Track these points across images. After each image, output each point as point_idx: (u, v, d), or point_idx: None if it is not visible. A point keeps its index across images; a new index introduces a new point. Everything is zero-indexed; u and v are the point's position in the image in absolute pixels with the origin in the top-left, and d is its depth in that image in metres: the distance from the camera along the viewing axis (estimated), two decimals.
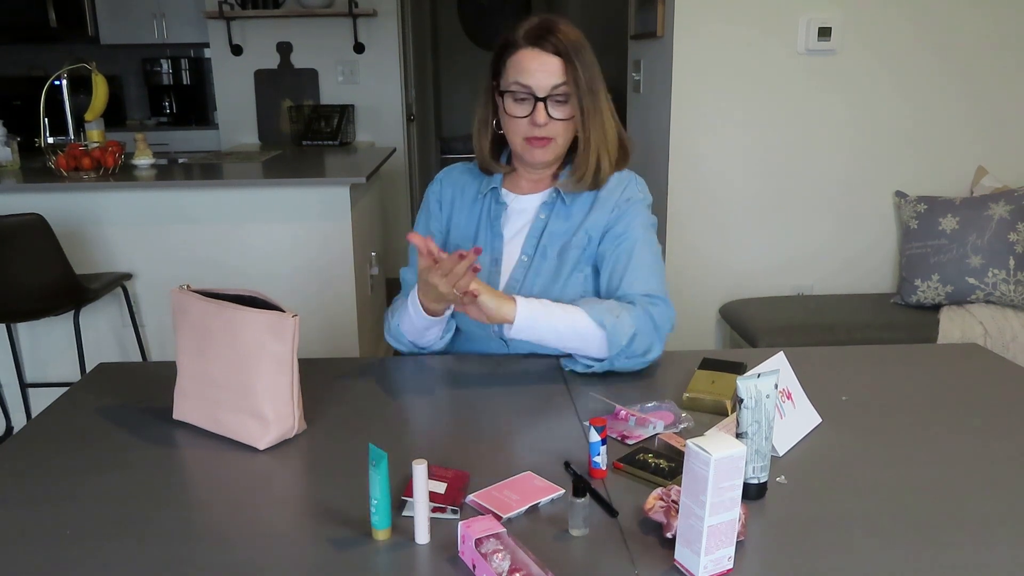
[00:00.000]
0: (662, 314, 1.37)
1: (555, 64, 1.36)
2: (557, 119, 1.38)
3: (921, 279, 2.77)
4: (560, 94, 1.37)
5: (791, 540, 0.90)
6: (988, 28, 2.86)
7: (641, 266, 1.41)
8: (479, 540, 0.84)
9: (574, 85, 1.36)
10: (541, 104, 1.37)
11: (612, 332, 1.30)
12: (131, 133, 3.79)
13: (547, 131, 1.39)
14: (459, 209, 1.54)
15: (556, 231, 1.47)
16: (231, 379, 1.14)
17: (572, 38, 1.37)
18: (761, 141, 2.94)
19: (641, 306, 1.36)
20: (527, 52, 1.37)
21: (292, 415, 1.15)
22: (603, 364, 1.34)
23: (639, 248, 1.42)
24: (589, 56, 1.38)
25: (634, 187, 1.48)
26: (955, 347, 1.55)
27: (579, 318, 1.31)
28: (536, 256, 1.47)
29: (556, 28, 1.37)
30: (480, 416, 1.23)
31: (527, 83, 1.37)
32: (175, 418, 1.22)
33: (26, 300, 2.50)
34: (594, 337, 1.31)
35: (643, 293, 1.39)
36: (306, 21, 4.72)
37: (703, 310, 3.08)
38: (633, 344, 1.32)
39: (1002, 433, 1.16)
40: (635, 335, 1.32)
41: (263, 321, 1.12)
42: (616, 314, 1.32)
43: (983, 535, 0.91)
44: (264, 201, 2.91)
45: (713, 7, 2.80)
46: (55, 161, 2.86)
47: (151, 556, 0.88)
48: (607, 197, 1.46)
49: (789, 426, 1.13)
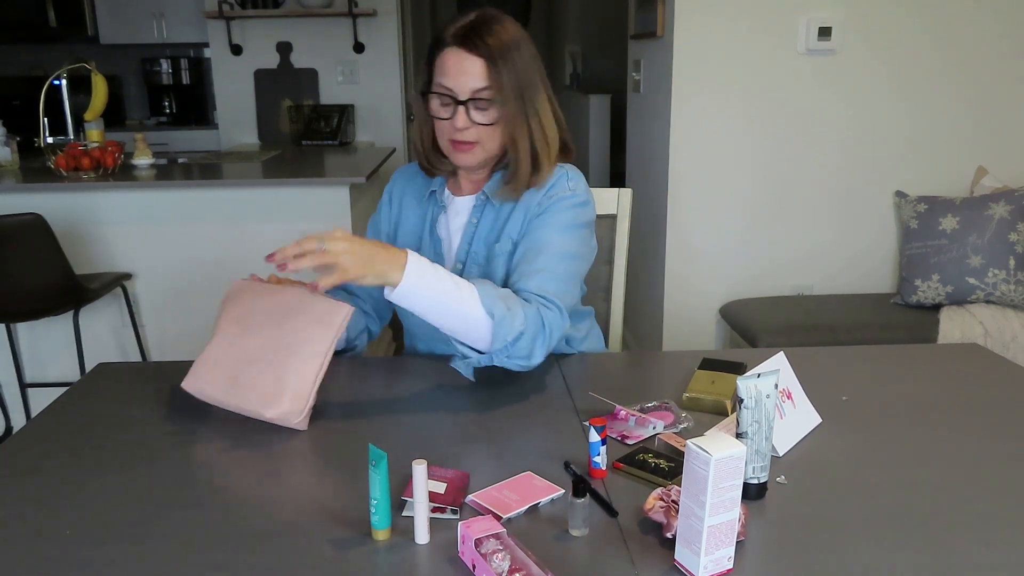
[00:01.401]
0: (554, 320, 1.27)
1: (478, 67, 1.29)
2: (479, 124, 1.32)
3: (921, 279, 2.77)
4: (483, 98, 1.30)
5: (791, 540, 0.90)
6: (989, 28, 2.86)
7: (543, 266, 1.32)
8: (479, 540, 0.84)
9: (498, 90, 1.29)
10: (462, 108, 1.31)
11: (499, 324, 1.20)
12: (131, 133, 3.79)
13: (469, 135, 1.33)
14: (407, 207, 1.51)
15: (485, 236, 1.42)
16: (266, 352, 1.18)
17: (503, 39, 1.30)
18: (761, 141, 2.94)
19: (536, 305, 1.26)
20: (452, 52, 1.31)
21: (306, 401, 1.17)
22: (483, 358, 1.24)
23: (547, 247, 1.34)
24: (522, 57, 1.32)
25: (563, 183, 1.39)
26: (955, 347, 1.55)
27: (468, 299, 1.20)
28: (468, 262, 1.43)
29: (486, 27, 1.30)
30: (480, 416, 1.23)
31: (448, 85, 1.31)
32: (183, 386, 1.22)
33: (26, 300, 2.50)
34: (479, 325, 1.20)
35: (537, 293, 1.29)
36: (306, 21, 4.72)
37: (703, 310, 3.08)
38: (518, 343, 1.22)
39: (1002, 433, 1.16)
40: (522, 334, 1.21)
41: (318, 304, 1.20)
42: (508, 306, 1.21)
43: (983, 535, 0.91)
44: (264, 201, 2.91)
45: (713, 7, 2.80)
46: (55, 161, 2.86)
47: (151, 556, 0.88)
48: (531, 195, 1.39)
49: (789, 426, 1.13)
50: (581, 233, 1.39)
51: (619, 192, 1.73)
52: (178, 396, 1.30)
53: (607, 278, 1.75)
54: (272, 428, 1.18)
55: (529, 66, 1.33)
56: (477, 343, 1.23)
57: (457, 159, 1.38)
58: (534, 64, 1.34)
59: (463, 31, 1.31)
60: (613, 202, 1.72)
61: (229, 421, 1.21)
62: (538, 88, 1.35)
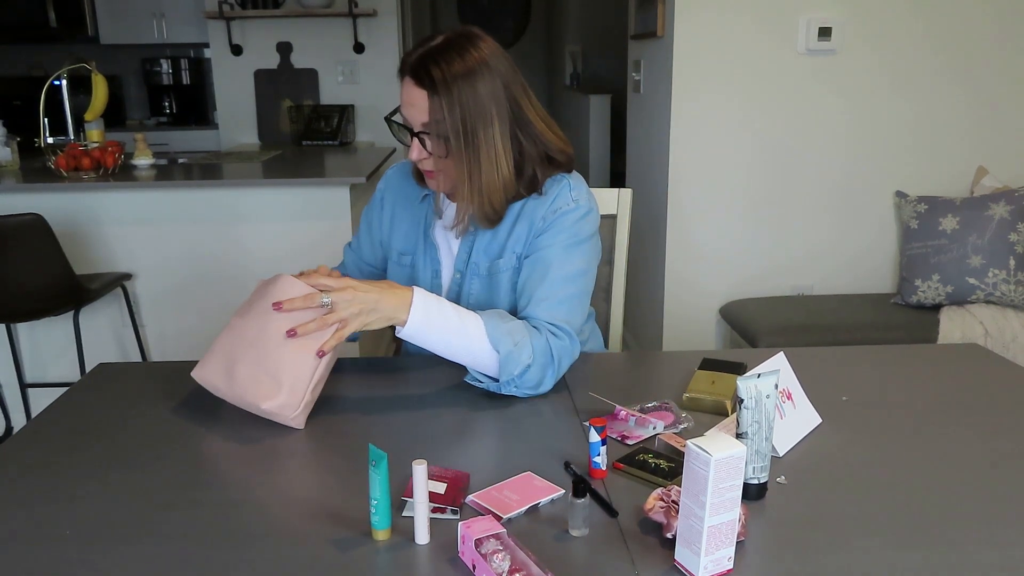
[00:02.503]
0: (563, 349, 1.28)
1: (423, 101, 1.26)
2: (431, 155, 1.30)
3: (921, 279, 2.77)
4: (428, 132, 1.28)
5: (791, 540, 0.90)
6: (989, 28, 2.86)
7: (551, 291, 1.32)
8: (479, 540, 0.84)
9: (440, 124, 1.26)
10: (416, 139, 1.29)
11: (506, 360, 1.22)
12: (131, 133, 3.79)
13: (426, 164, 1.32)
14: (402, 208, 1.50)
15: (485, 247, 1.40)
16: (269, 343, 1.18)
17: (455, 70, 1.24)
18: (761, 141, 2.94)
19: (545, 335, 1.27)
20: (405, 81, 1.28)
21: (303, 397, 1.16)
22: (493, 385, 1.26)
23: (554, 268, 1.33)
24: (473, 90, 1.25)
25: (566, 195, 1.35)
26: (955, 347, 1.55)
27: (475, 334, 1.23)
28: (468, 273, 1.42)
29: (442, 56, 1.25)
30: (480, 416, 1.23)
31: (405, 114, 1.30)
32: (192, 374, 1.23)
33: (26, 300, 2.50)
34: (487, 359, 1.24)
35: (549, 321, 1.30)
36: (306, 21, 4.72)
37: (703, 310, 3.08)
38: (526, 375, 1.24)
39: (1002, 433, 1.16)
40: (529, 367, 1.24)
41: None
42: (515, 341, 1.23)
43: (983, 535, 0.91)
44: (264, 201, 2.91)
45: (713, 7, 2.80)
46: (55, 161, 2.86)
47: (151, 556, 0.88)
48: (533, 208, 1.36)
49: (789, 426, 1.13)
50: (586, 247, 1.37)
51: (619, 192, 1.73)
52: (179, 396, 1.30)
53: (607, 278, 1.75)
54: (272, 428, 1.18)
55: (482, 99, 1.26)
56: (488, 372, 1.27)
57: (426, 183, 1.38)
58: (491, 95, 1.27)
59: (416, 60, 1.26)
60: (613, 202, 1.72)
61: (230, 421, 1.21)
62: (491, 121, 1.28)
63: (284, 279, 1.22)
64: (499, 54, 1.30)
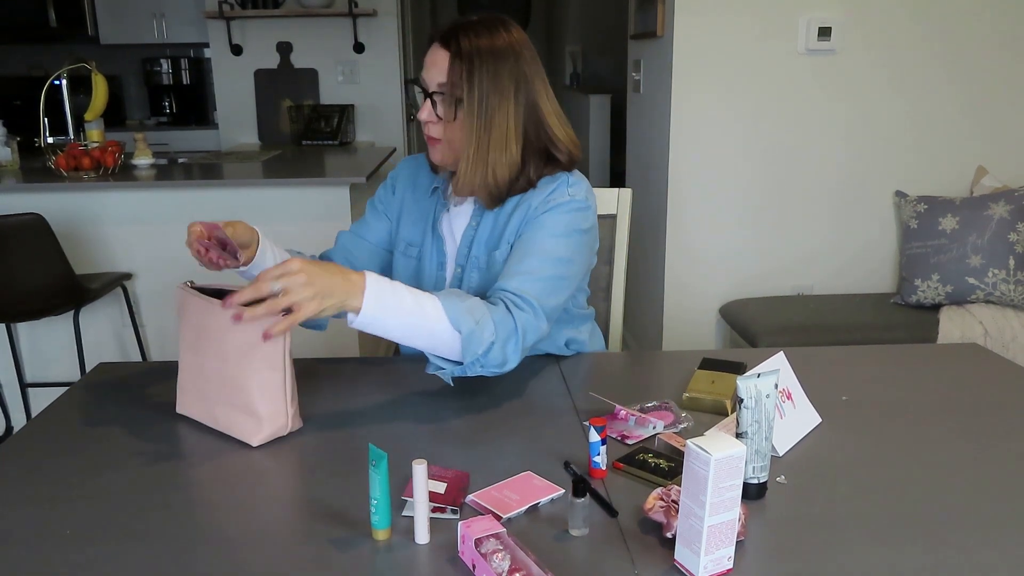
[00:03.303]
0: (527, 321, 1.23)
1: (444, 61, 1.29)
2: (438, 119, 1.31)
3: (921, 279, 2.77)
4: (442, 92, 1.30)
5: (791, 540, 0.90)
6: (989, 28, 2.86)
7: (529, 268, 1.29)
8: (479, 540, 0.84)
9: (456, 87, 1.28)
10: (428, 100, 1.31)
11: (468, 339, 1.17)
12: (131, 133, 3.79)
13: (432, 130, 1.33)
14: (411, 200, 1.50)
15: (485, 240, 1.41)
16: (226, 376, 1.15)
17: (484, 44, 1.28)
18: (761, 141, 2.94)
19: (505, 306, 1.23)
20: (432, 46, 1.32)
21: (285, 413, 1.15)
22: (457, 368, 1.21)
23: (536, 249, 1.31)
24: (497, 66, 1.28)
25: (563, 189, 1.36)
26: (955, 347, 1.55)
27: (433, 315, 1.17)
28: (468, 266, 1.42)
29: (474, 30, 1.29)
30: (480, 416, 1.23)
31: (422, 75, 1.33)
32: (178, 411, 1.23)
33: (26, 300, 2.50)
34: (448, 340, 1.18)
35: (514, 292, 1.26)
36: (306, 21, 4.72)
37: (703, 310, 3.08)
38: (490, 353, 1.19)
39: (1002, 433, 1.16)
40: (492, 344, 1.19)
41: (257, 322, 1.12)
42: (476, 319, 1.18)
43: (983, 535, 0.91)
44: (264, 201, 2.91)
45: (713, 7, 2.80)
46: (55, 161, 2.86)
47: (151, 556, 0.88)
48: (531, 201, 1.36)
49: (789, 426, 1.13)
50: (576, 239, 1.35)
51: (619, 192, 1.73)
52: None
53: (607, 278, 1.75)
54: None
55: (502, 78, 1.29)
56: (449, 355, 1.21)
57: (429, 154, 1.39)
58: (512, 77, 1.30)
59: (448, 27, 1.31)
60: (613, 202, 1.72)
61: None
62: (507, 100, 1.30)
63: (189, 299, 1.18)
64: (527, 44, 1.35)
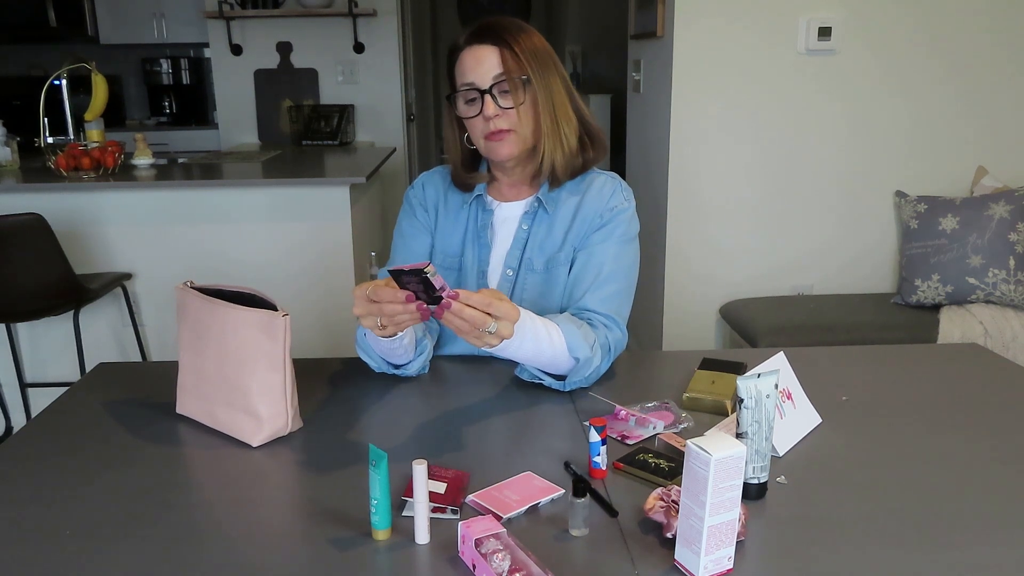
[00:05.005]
0: (617, 341, 1.35)
1: (493, 54, 1.32)
2: (507, 108, 1.33)
3: (921, 279, 2.77)
4: (504, 82, 1.32)
5: (791, 540, 0.90)
6: (988, 28, 2.86)
7: (606, 284, 1.37)
8: (479, 540, 0.84)
9: (517, 71, 1.32)
10: (488, 96, 1.32)
11: (583, 365, 1.26)
12: (131, 133, 3.79)
13: (501, 122, 1.33)
14: (444, 215, 1.48)
15: (540, 243, 1.41)
16: (226, 376, 1.15)
17: (513, 30, 1.34)
18: (761, 141, 2.94)
19: (601, 329, 1.33)
20: (467, 51, 1.34)
21: (285, 413, 1.15)
22: (557, 383, 1.29)
23: (610, 264, 1.38)
24: (532, 43, 1.34)
25: (620, 194, 1.42)
26: (955, 347, 1.55)
27: (557, 341, 1.23)
28: (521, 270, 1.42)
29: (491, 25, 1.35)
30: (480, 416, 1.23)
31: (469, 80, 1.33)
32: (178, 412, 1.23)
33: (26, 300, 2.50)
34: (563, 363, 1.26)
35: (604, 313, 1.35)
36: (306, 21, 4.72)
37: (703, 310, 3.08)
38: (591, 374, 1.30)
39: (1002, 433, 1.16)
40: (598, 367, 1.30)
41: (255, 320, 1.13)
42: (590, 345, 1.27)
43: (983, 535, 0.91)
44: (264, 201, 2.91)
45: (713, 7, 2.80)
46: (55, 161, 2.86)
47: (151, 556, 0.88)
48: (591, 205, 1.40)
49: (789, 426, 1.13)
50: (635, 245, 1.43)
51: None
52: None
53: None
54: None
55: (543, 54, 1.35)
56: (555, 372, 1.29)
57: (495, 153, 1.37)
58: (547, 53, 1.36)
59: (475, 29, 1.35)
60: None
61: None
62: (554, 72, 1.36)
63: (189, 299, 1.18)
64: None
